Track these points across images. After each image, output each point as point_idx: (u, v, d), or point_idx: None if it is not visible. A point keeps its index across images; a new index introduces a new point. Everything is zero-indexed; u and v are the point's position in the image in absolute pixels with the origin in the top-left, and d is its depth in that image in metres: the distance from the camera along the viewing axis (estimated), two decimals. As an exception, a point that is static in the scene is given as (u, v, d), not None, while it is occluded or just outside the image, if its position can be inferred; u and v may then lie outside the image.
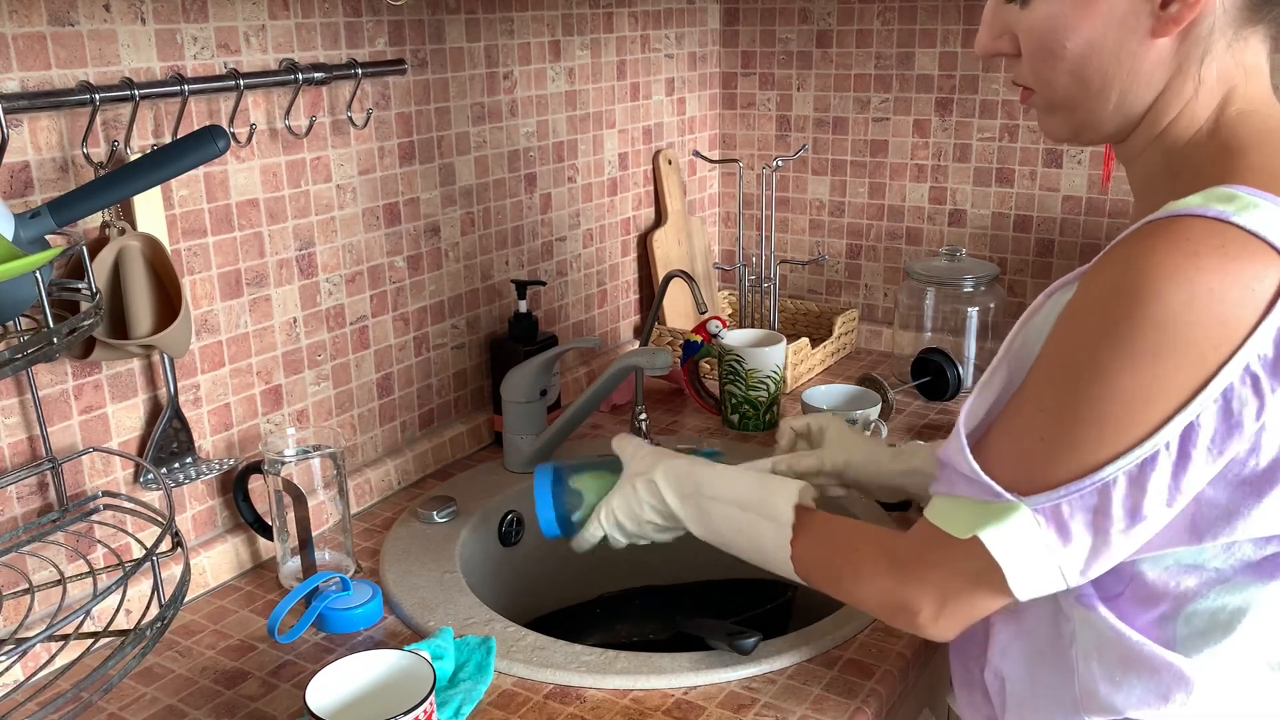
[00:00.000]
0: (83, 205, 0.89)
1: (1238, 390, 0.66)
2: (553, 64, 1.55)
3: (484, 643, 1.01)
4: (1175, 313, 0.66)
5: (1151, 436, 0.68)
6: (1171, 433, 0.68)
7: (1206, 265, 0.66)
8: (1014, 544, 0.73)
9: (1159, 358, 0.67)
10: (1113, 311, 0.68)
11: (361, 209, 1.30)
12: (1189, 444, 0.68)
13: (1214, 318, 0.66)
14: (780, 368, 1.52)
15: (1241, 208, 0.68)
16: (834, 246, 1.93)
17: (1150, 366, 0.67)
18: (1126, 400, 0.68)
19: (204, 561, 1.15)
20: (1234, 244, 0.67)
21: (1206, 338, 0.66)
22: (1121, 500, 0.69)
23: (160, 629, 0.91)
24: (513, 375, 1.38)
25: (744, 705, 0.95)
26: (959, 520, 0.76)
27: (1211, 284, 0.66)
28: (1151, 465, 0.68)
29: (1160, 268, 0.67)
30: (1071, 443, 0.70)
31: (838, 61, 1.84)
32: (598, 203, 1.70)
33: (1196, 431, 0.67)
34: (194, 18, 1.08)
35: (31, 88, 0.96)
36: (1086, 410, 0.69)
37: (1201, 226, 0.68)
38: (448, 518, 1.28)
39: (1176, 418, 0.67)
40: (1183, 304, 0.66)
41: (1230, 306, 0.66)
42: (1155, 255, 0.67)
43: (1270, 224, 0.67)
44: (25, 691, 0.93)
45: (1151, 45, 0.74)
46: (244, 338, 1.19)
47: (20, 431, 1.00)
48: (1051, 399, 0.72)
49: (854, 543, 0.87)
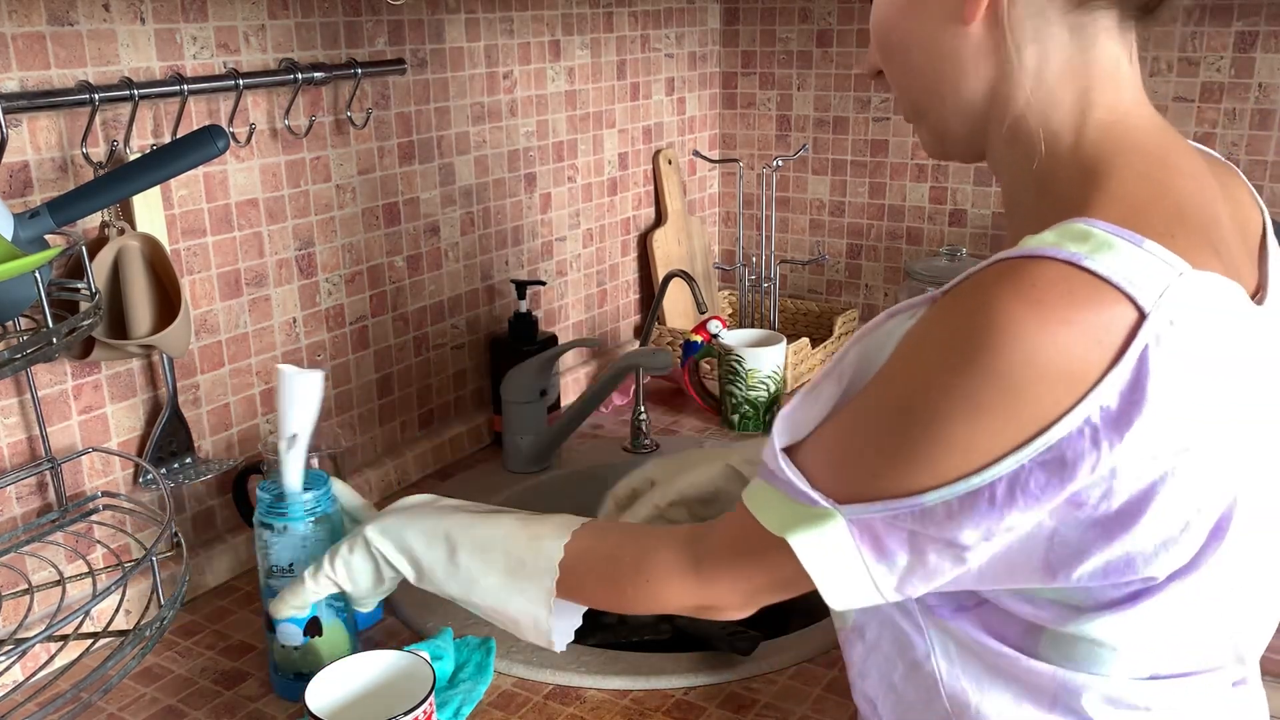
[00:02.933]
0: (82, 205, 0.89)
1: (1073, 443, 0.62)
2: (553, 64, 1.55)
3: (484, 643, 1.01)
4: (1014, 368, 0.62)
5: (976, 474, 0.64)
6: (998, 473, 0.64)
7: (1051, 316, 0.62)
8: (825, 554, 0.69)
9: (993, 411, 0.63)
10: (951, 357, 0.64)
11: (361, 209, 1.29)
12: (1015, 488, 0.64)
13: (1056, 373, 0.62)
14: (780, 368, 1.52)
15: (1094, 249, 0.64)
16: (834, 246, 1.93)
17: (983, 419, 0.63)
18: (953, 445, 0.64)
19: (203, 562, 1.15)
20: (1082, 291, 0.62)
21: (1046, 394, 0.62)
22: (940, 526, 0.66)
23: (160, 629, 0.91)
24: (513, 375, 1.38)
25: (744, 705, 0.95)
26: (773, 514, 0.73)
27: (1055, 337, 0.62)
28: (973, 502, 0.65)
29: (1003, 318, 0.62)
30: (893, 467, 0.67)
31: (838, 61, 1.84)
32: (598, 203, 1.70)
33: (1027, 477, 0.64)
34: (193, 17, 1.08)
35: (31, 87, 0.96)
36: (910, 447, 0.66)
37: (1051, 271, 0.63)
38: (448, 518, 1.27)
39: (1004, 462, 0.63)
40: (1023, 360, 0.62)
41: (1074, 361, 0.62)
42: (999, 303, 0.63)
43: (1123, 268, 0.63)
44: (25, 692, 0.93)
45: (964, 32, 0.73)
46: (243, 338, 1.19)
47: (20, 431, 1.00)
48: (879, 427, 0.68)
49: (641, 541, 0.83)
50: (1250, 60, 1.54)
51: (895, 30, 0.77)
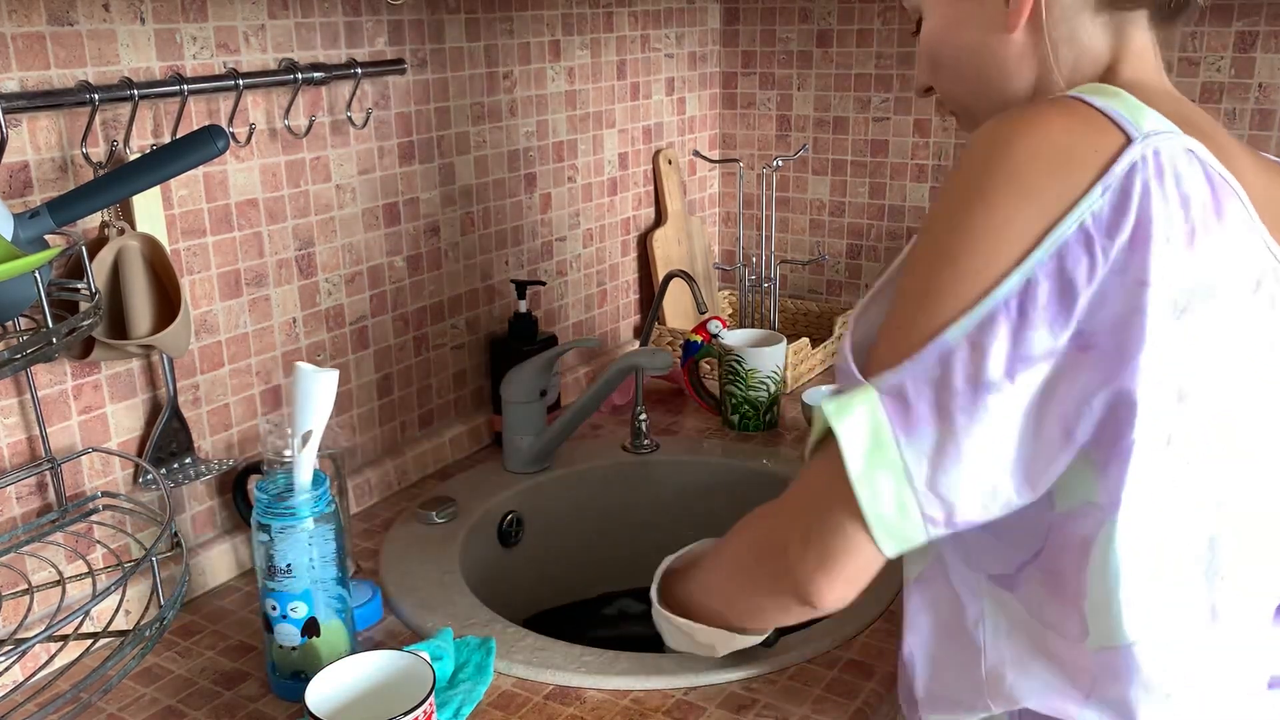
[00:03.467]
0: (82, 205, 0.89)
1: (1071, 250, 0.67)
2: (553, 64, 1.55)
3: (484, 643, 1.01)
4: (1021, 160, 0.69)
5: (990, 293, 0.68)
6: (1010, 288, 0.68)
7: (1054, 123, 0.70)
8: (857, 424, 0.71)
9: (999, 198, 0.69)
10: (965, 171, 0.71)
11: (361, 209, 1.29)
12: (1027, 303, 0.68)
13: (1057, 165, 0.68)
14: (780, 368, 1.52)
15: (1095, 92, 0.72)
16: (834, 246, 1.93)
17: (989, 208, 0.69)
18: (970, 246, 0.69)
19: (203, 562, 1.15)
20: (1081, 111, 0.71)
21: (1048, 185, 0.68)
22: (964, 367, 0.69)
23: (159, 629, 0.91)
24: (513, 375, 1.37)
25: (744, 705, 0.95)
26: (819, 421, 0.75)
27: (1056, 138, 0.69)
28: (991, 325, 0.68)
29: (1009, 125, 0.70)
30: (914, 305, 0.72)
31: (838, 61, 1.84)
32: (598, 203, 1.70)
33: (1034, 289, 0.68)
34: (193, 17, 1.08)
35: (31, 87, 0.96)
36: (928, 262, 0.72)
37: (1057, 100, 0.72)
38: (448, 518, 1.27)
39: (1014, 272, 0.68)
40: (1029, 152, 0.69)
41: (1073, 160, 0.68)
42: (1007, 119, 0.71)
43: (1123, 111, 0.70)
44: (25, 692, 0.93)
45: (1009, 40, 0.80)
46: (243, 338, 1.19)
47: (19, 432, 1.00)
48: (911, 258, 0.74)
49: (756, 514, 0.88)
50: (1250, 60, 1.54)
51: (946, 46, 0.84)
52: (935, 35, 0.85)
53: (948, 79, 0.86)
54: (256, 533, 0.94)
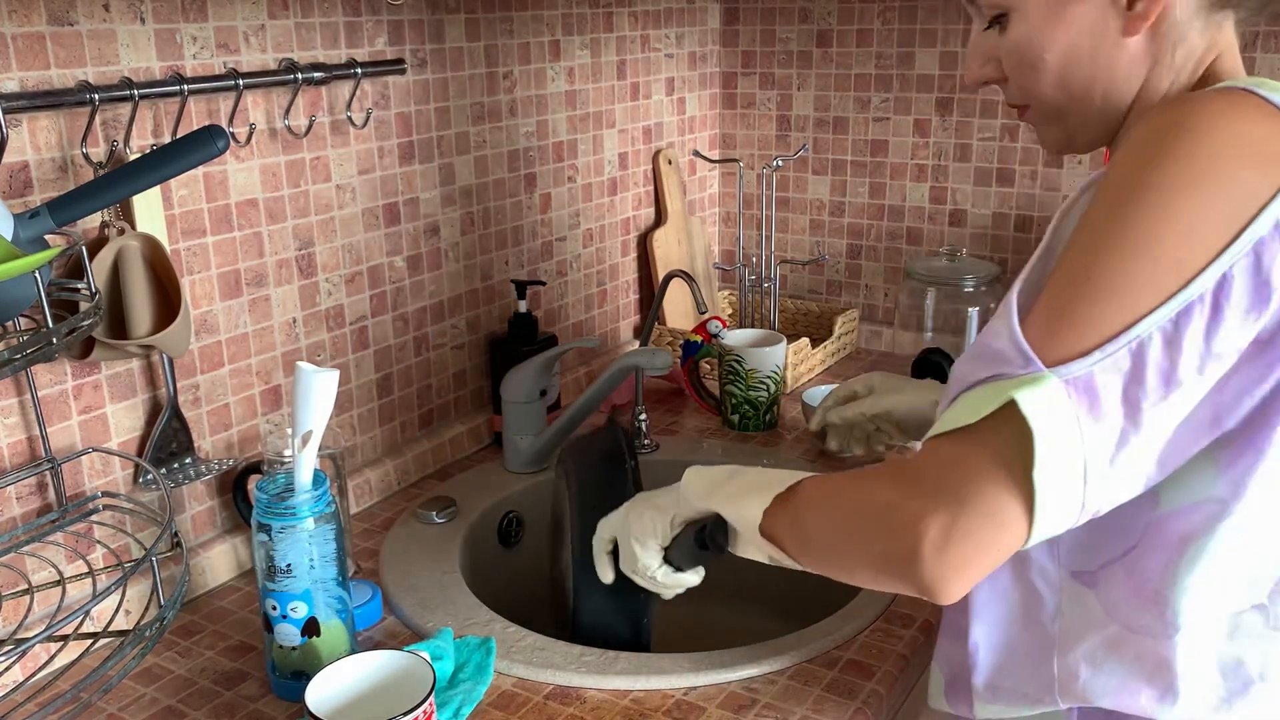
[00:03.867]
0: (82, 205, 0.89)
1: (1268, 243, 0.66)
2: (553, 64, 1.55)
3: (484, 643, 1.01)
4: (1218, 147, 0.67)
5: (1187, 286, 0.66)
6: (1206, 282, 0.66)
7: (1246, 116, 0.68)
8: (1049, 413, 0.66)
9: (1199, 188, 0.67)
10: (1154, 150, 0.68)
11: (361, 209, 1.29)
12: (1222, 298, 0.66)
13: (1253, 159, 0.67)
14: (780, 368, 1.52)
15: (1272, 89, 0.71)
16: (834, 246, 1.93)
17: (1189, 197, 0.67)
18: (1169, 236, 0.67)
19: (203, 562, 1.15)
20: (1266, 108, 0.69)
21: (1245, 178, 0.67)
22: (1157, 362, 0.67)
23: (159, 629, 0.91)
24: (513, 375, 1.38)
25: (744, 705, 0.95)
26: (980, 403, 0.69)
27: (1252, 131, 0.68)
28: (1187, 320, 0.66)
29: (1203, 110, 0.68)
30: (1106, 294, 0.68)
31: (838, 61, 1.84)
32: (598, 203, 1.70)
33: (1230, 284, 0.66)
34: (193, 17, 1.08)
35: (31, 87, 0.96)
36: (1122, 250, 0.68)
37: (1235, 92, 0.70)
38: (447, 518, 1.27)
39: (1212, 266, 0.66)
40: (1225, 140, 0.67)
41: (1268, 154, 0.67)
42: (1195, 103, 0.69)
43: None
44: (25, 692, 0.93)
45: (1125, 44, 0.78)
46: (243, 338, 1.19)
47: (20, 432, 1.00)
48: (1086, 251, 0.70)
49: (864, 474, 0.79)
50: (1250, 60, 1.54)
51: (1049, 48, 0.80)
52: (1035, 38, 0.80)
53: (1045, 84, 0.82)
54: (256, 533, 0.94)
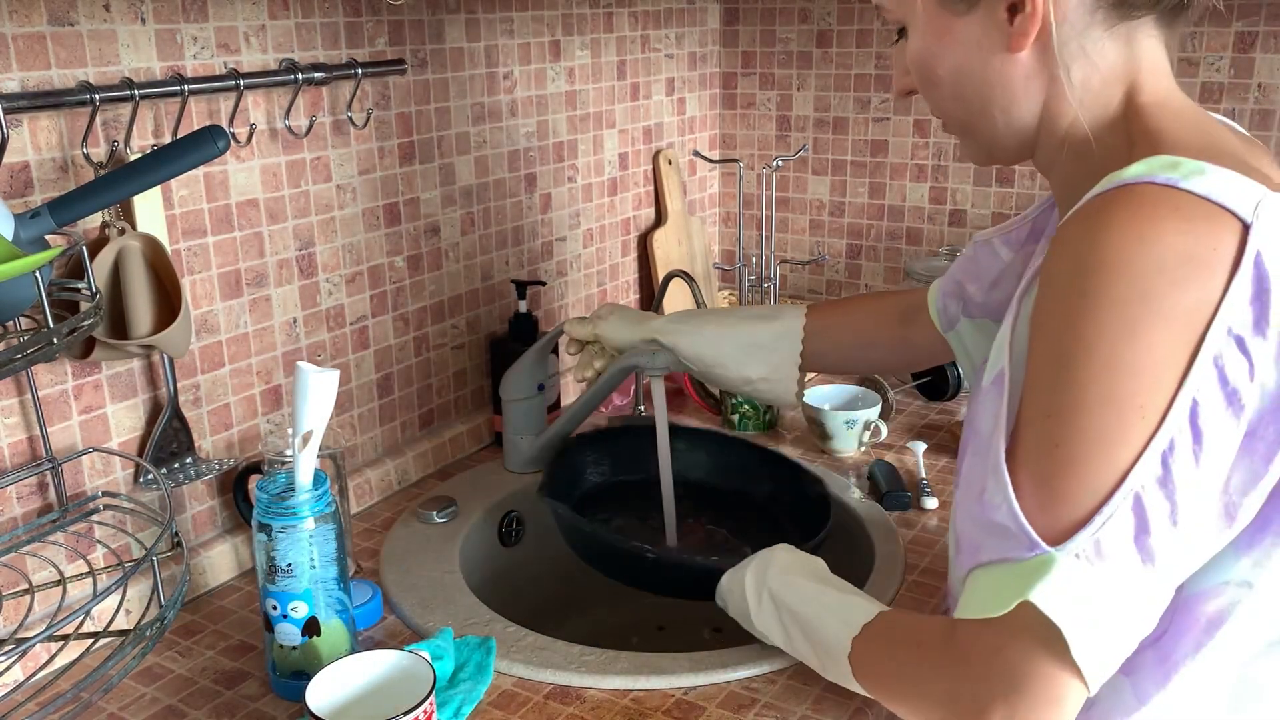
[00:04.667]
0: (83, 205, 0.89)
1: (1227, 356, 0.65)
2: (553, 64, 1.55)
3: (484, 643, 1.01)
4: (1149, 278, 0.64)
5: (1161, 427, 0.65)
6: (1179, 417, 0.65)
7: (1168, 228, 0.65)
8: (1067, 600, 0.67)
9: (1140, 330, 0.65)
10: (1084, 291, 0.66)
11: (361, 209, 1.30)
12: (1199, 422, 0.65)
13: (1186, 277, 0.64)
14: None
15: (1187, 173, 0.67)
16: (834, 246, 1.93)
17: (1133, 343, 0.65)
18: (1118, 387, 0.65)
19: (204, 561, 1.15)
20: (1187, 207, 0.66)
21: (1183, 299, 0.64)
22: (1158, 506, 0.66)
23: (160, 629, 0.92)
24: (510, 374, 1.38)
25: (744, 705, 0.95)
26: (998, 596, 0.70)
27: (1176, 246, 0.65)
28: (1172, 455, 0.66)
29: (1122, 235, 0.65)
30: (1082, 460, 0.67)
31: (838, 61, 1.84)
32: (598, 203, 1.70)
33: (1200, 407, 0.65)
34: (194, 18, 1.08)
35: (31, 88, 0.96)
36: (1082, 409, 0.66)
37: (1152, 192, 0.67)
38: (448, 518, 1.28)
39: (1178, 398, 0.65)
40: (1154, 269, 0.64)
41: (1198, 265, 0.64)
42: (1114, 226, 0.66)
43: (1219, 188, 0.66)
44: (25, 691, 0.93)
45: (1013, 60, 0.76)
46: (244, 338, 1.19)
47: (20, 431, 1.00)
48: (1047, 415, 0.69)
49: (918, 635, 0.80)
50: (1250, 60, 1.54)
51: (939, 63, 0.79)
52: (927, 54, 0.79)
53: (944, 98, 0.81)
54: (257, 533, 0.94)
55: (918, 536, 1.23)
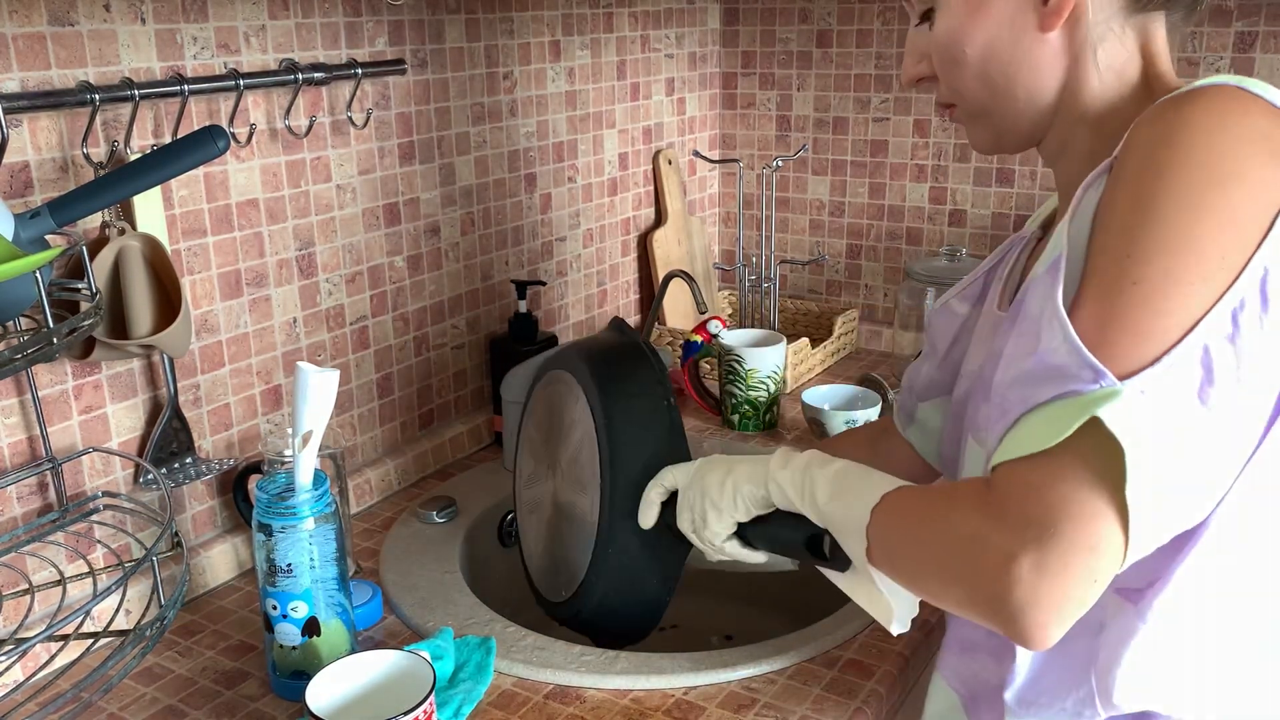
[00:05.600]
0: (83, 205, 0.89)
1: None
2: (553, 64, 1.55)
3: (484, 643, 1.01)
4: (1237, 144, 0.67)
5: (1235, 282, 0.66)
6: (1254, 277, 0.66)
7: (1251, 110, 0.68)
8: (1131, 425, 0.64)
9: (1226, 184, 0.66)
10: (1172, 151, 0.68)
11: (361, 209, 1.30)
12: (1269, 290, 0.66)
13: (1269, 155, 0.67)
14: (780, 368, 1.52)
15: (1257, 87, 0.71)
16: (834, 246, 1.93)
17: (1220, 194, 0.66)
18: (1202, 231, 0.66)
19: (204, 561, 1.15)
20: (1260, 105, 0.69)
21: (1265, 175, 0.67)
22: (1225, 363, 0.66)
23: (160, 629, 0.92)
24: (512, 375, 1.38)
25: (744, 705, 0.95)
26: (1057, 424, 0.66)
27: (1258, 124, 0.68)
28: (1243, 313, 0.66)
29: (1212, 108, 0.68)
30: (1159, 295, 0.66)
31: (838, 61, 1.84)
32: (598, 203, 1.70)
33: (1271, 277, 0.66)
34: (194, 18, 1.08)
35: (31, 88, 0.96)
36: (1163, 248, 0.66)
37: (1227, 90, 0.70)
38: (448, 518, 1.28)
39: (1253, 260, 0.66)
40: (1241, 136, 0.67)
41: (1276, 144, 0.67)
42: (1201, 100, 0.69)
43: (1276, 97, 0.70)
44: (25, 691, 0.93)
45: (1043, 39, 0.78)
46: (244, 338, 1.19)
47: (20, 431, 1.00)
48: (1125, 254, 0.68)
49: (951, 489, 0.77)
50: (1250, 60, 1.54)
51: (970, 41, 0.81)
52: (956, 33, 0.81)
53: (968, 78, 0.82)
54: (257, 532, 0.94)
55: (918, 536, 1.23)
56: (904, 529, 0.79)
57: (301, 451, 0.92)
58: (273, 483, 0.95)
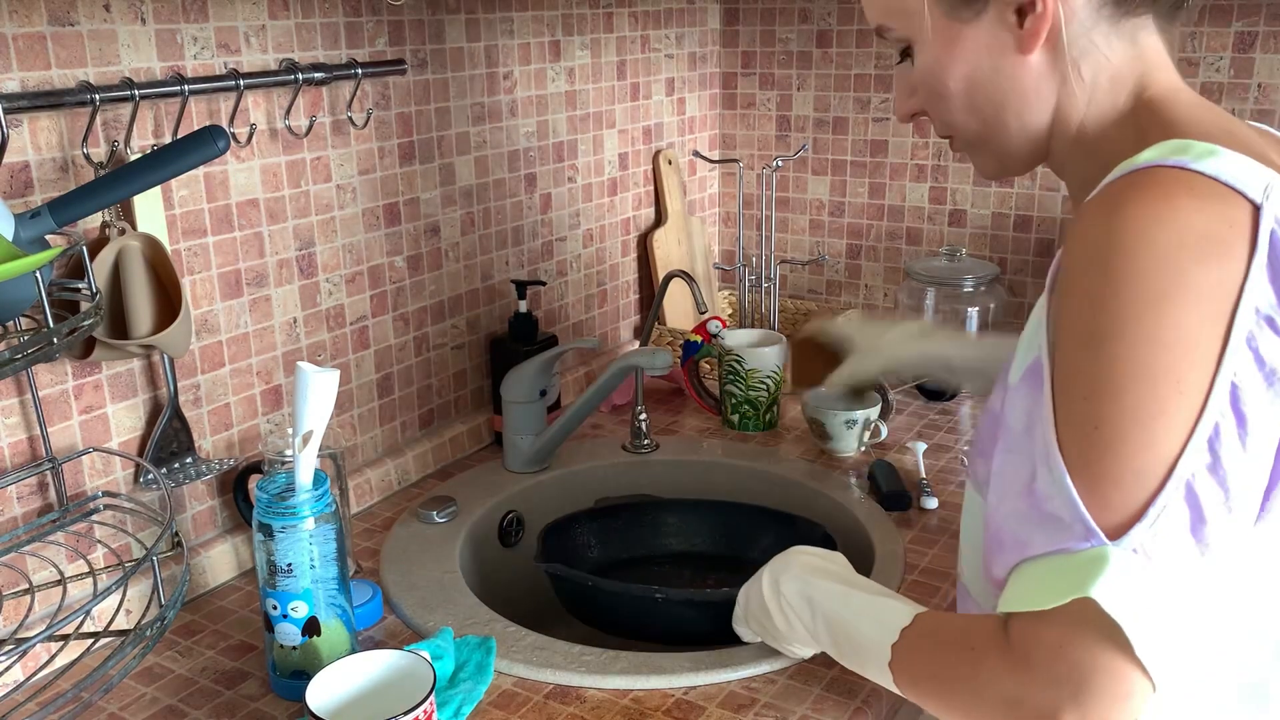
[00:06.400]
0: (83, 205, 0.89)
1: (1259, 335, 0.64)
2: (553, 64, 1.55)
3: (484, 643, 1.01)
4: (1171, 254, 0.64)
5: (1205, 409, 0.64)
6: (1221, 400, 0.64)
7: (1182, 206, 0.65)
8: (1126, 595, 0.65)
9: (1168, 303, 0.64)
10: (1109, 272, 0.66)
11: (361, 209, 1.30)
12: (1240, 405, 0.64)
13: (1206, 253, 0.64)
14: (780, 368, 1.52)
15: (1198, 155, 0.68)
16: (834, 246, 1.93)
17: (1163, 315, 0.64)
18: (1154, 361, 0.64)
19: (204, 561, 1.15)
20: (1200, 186, 0.66)
21: (1208, 276, 0.64)
22: (1211, 495, 0.65)
23: (160, 629, 0.92)
24: (513, 375, 1.38)
25: (744, 705, 0.95)
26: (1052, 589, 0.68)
27: (1194, 224, 0.65)
28: (1218, 440, 0.65)
29: (1139, 216, 0.65)
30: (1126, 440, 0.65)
31: (838, 61, 1.84)
32: (598, 203, 1.70)
33: (1240, 390, 0.64)
34: (194, 18, 1.08)
35: (31, 88, 0.96)
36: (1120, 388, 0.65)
37: (1165, 174, 0.67)
38: (448, 518, 1.28)
39: (1218, 378, 0.64)
40: (1175, 245, 0.64)
41: (1217, 243, 0.65)
42: (1130, 208, 0.66)
43: (1229, 169, 0.67)
44: (25, 691, 0.93)
45: (1025, 63, 0.77)
46: (244, 338, 1.19)
47: (20, 431, 1.00)
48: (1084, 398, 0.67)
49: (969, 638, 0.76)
50: (1250, 60, 1.54)
51: (950, 74, 0.79)
52: (935, 67, 0.79)
53: (956, 111, 0.81)
54: (257, 532, 0.94)
55: (918, 536, 1.23)
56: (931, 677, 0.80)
57: (302, 451, 0.92)
58: (273, 483, 0.95)
